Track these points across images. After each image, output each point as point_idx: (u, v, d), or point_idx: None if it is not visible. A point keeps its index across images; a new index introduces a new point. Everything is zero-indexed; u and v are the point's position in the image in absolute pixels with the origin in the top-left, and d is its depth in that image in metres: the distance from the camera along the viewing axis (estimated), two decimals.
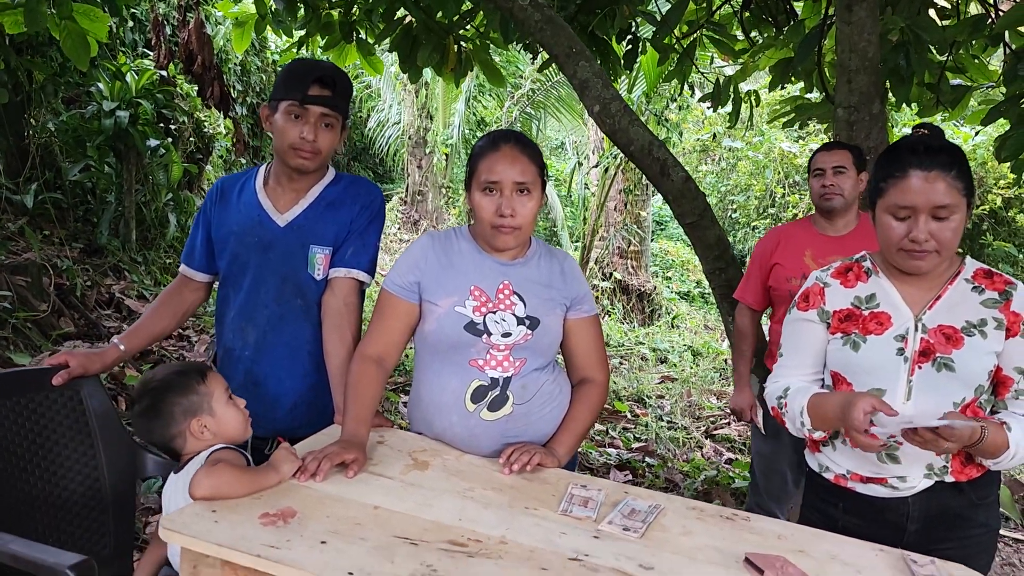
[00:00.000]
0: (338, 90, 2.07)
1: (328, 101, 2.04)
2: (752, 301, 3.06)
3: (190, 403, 1.74)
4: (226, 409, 1.78)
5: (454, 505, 1.64)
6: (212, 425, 1.75)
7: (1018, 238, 8.58)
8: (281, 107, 2.05)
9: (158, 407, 1.73)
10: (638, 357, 7.43)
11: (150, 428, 1.74)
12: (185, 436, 1.74)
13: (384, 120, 12.64)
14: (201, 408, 1.74)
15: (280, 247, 2.12)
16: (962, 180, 1.61)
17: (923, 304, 1.72)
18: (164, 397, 1.73)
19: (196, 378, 1.77)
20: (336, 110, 2.07)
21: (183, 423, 1.73)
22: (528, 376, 1.93)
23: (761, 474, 3.14)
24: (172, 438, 1.74)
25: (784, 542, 1.60)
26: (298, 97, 2.02)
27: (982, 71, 4.05)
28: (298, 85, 2.02)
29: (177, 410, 1.73)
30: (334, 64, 2.17)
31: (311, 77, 2.02)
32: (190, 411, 1.74)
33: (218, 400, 1.77)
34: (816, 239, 2.94)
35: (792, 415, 1.77)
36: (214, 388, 1.78)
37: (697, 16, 4.36)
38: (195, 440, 1.74)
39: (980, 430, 1.58)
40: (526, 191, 1.87)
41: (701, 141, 10.70)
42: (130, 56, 6.81)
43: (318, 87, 2.03)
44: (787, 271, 2.94)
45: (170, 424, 1.73)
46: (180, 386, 1.74)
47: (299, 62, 2.11)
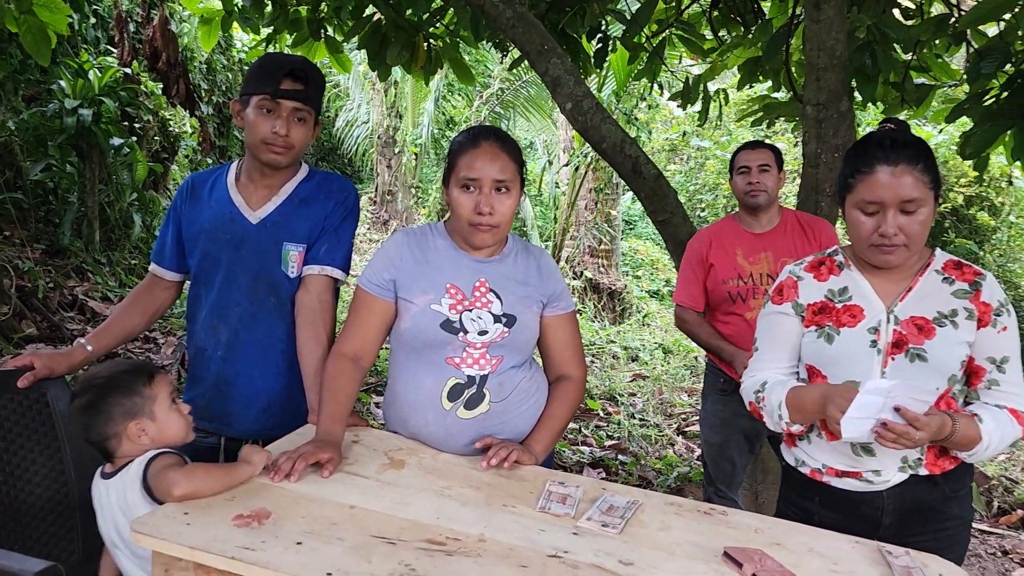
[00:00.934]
0: (311, 84, 2.03)
1: (301, 95, 2.01)
2: (693, 304, 3.09)
3: (132, 405, 1.67)
4: (168, 414, 1.70)
5: (431, 504, 1.62)
6: (151, 430, 1.67)
7: (979, 235, 8.74)
8: (252, 101, 2.01)
9: (99, 404, 1.66)
10: (610, 355, 7.46)
11: (88, 424, 1.67)
12: (121, 438, 1.66)
13: (353, 119, 12.55)
14: (142, 411, 1.67)
15: (253, 244, 2.08)
16: (928, 173, 1.63)
17: (895, 296, 1.74)
18: (106, 395, 1.66)
19: (142, 379, 1.70)
20: (309, 104, 2.04)
21: (121, 424, 1.66)
22: (505, 374, 1.92)
23: (712, 462, 3.19)
24: (108, 438, 1.67)
25: (761, 535, 1.61)
26: (270, 91, 1.99)
27: (945, 70, 4.12)
28: (270, 79, 1.99)
29: (117, 410, 1.66)
30: (306, 58, 2.13)
31: (283, 71, 1.99)
32: (130, 413, 1.66)
33: (161, 405, 1.70)
34: (744, 237, 3.00)
35: (770, 409, 1.78)
36: (159, 391, 1.70)
37: (666, 15, 4.38)
38: (130, 444, 1.67)
39: (951, 423, 1.60)
40: (505, 189, 1.86)
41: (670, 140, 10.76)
42: (92, 53, 6.68)
43: (290, 81, 2.00)
44: (723, 273, 2.98)
45: (108, 423, 1.66)
46: (124, 386, 1.68)
47: (271, 56, 2.07)
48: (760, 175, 2.94)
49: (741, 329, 2.93)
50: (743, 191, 2.98)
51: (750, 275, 2.94)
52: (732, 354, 2.91)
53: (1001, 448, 1.69)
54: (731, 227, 3.05)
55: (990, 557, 3.76)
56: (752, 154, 2.98)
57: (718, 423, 3.11)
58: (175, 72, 6.21)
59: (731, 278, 2.97)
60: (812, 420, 1.76)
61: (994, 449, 1.67)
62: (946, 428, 1.60)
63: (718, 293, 3.00)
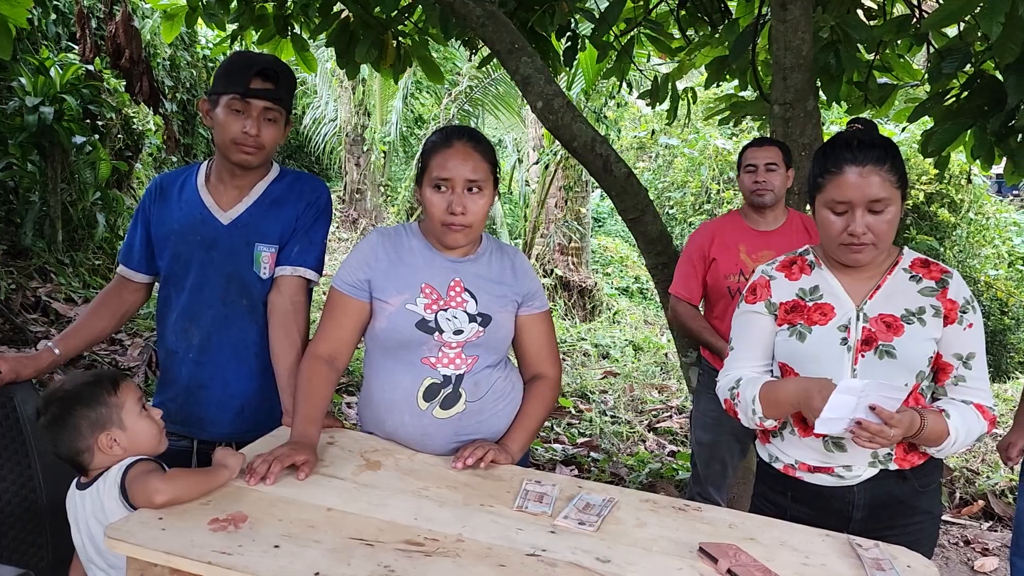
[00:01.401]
0: (281, 83, 2.01)
1: (271, 94, 1.99)
2: (690, 296, 3.09)
3: (98, 416, 1.62)
4: (138, 421, 1.66)
5: (409, 504, 1.62)
6: (122, 439, 1.63)
7: (939, 232, 8.92)
8: (222, 101, 1.99)
9: (64, 419, 1.62)
10: (581, 353, 7.49)
11: (56, 440, 1.63)
12: (93, 451, 1.62)
13: (320, 117, 12.44)
14: (110, 421, 1.63)
15: (224, 246, 2.06)
16: (895, 173, 1.67)
17: (864, 294, 1.77)
18: (71, 409, 1.62)
19: (106, 389, 1.65)
20: (279, 103, 2.02)
21: (91, 437, 1.62)
22: (480, 373, 1.92)
23: (702, 463, 3.20)
24: (79, 452, 1.63)
25: (735, 531, 1.63)
26: (239, 90, 1.96)
27: (907, 70, 4.20)
28: (240, 78, 1.97)
29: (84, 423, 1.62)
30: (277, 57, 2.12)
31: (253, 70, 1.97)
32: (98, 424, 1.62)
33: (129, 412, 1.66)
34: (748, 234, 3.01)
35: (744, 405, 1.80)
36: (125, 399, 1.66)
37: (635, 14, 4.41)
38: (103, 455, 1.63)
39: (920, 420, 1.64)
40: (477, 189, 1.86)
41: (639, 138, 10.82)
42: (53, 50, 6.55)
43: (260, 80, 1.98)
44: (724, 268, 2.99)
45: (76, 438, 1.62)
46: (88, 398, 1.63)
47: (241, 55, 2.05)
48: (767, 174, 2.93)
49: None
50: (749, 189, 2.98)
51: (752, 272, 2.95)
52: (723, 350, 2.92)
53: (968, 443, 1.73)
54: (736, 223, 3.06)
55: (953, 547, 3.85)
56: (760, 152, 2.96)
57: (710, 422, 3.11)
58: (138, 69, 6.10)
59: (732, 273, 2.98)
60: (786, 414, 1.78)
61: (961, 444, 1.71)
62: (915, 425, 1.64)
63: (718, 288, 3.01)
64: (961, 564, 3.71)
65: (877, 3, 4.25)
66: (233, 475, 1.64)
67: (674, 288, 3.14)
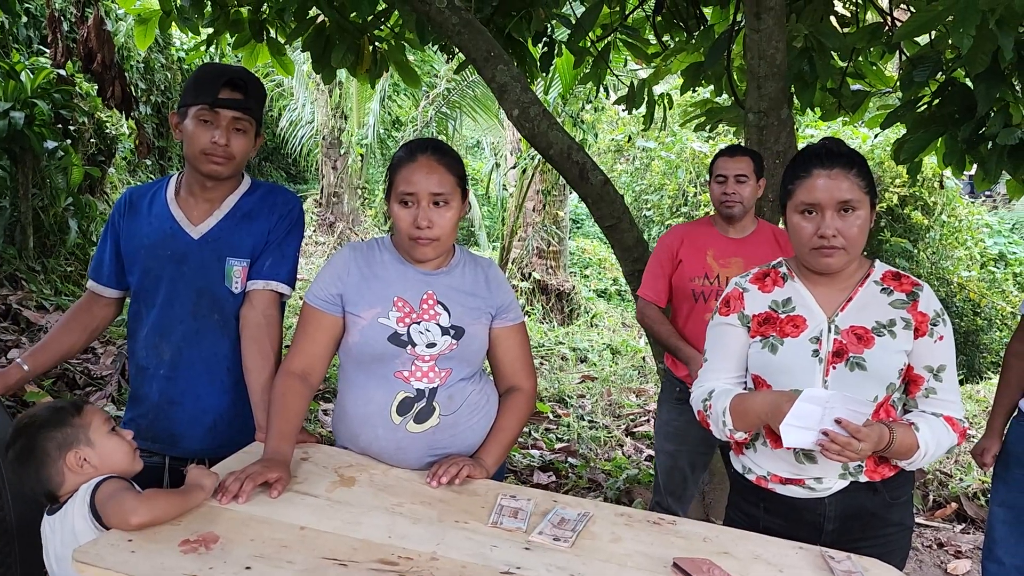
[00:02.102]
0: (250, 93, 2.00)
1: (240, 104, 1.97)
2: (656, 298, 3.09)
3: (64, 436, 1.60)
4: (107, 440, 1.64)
5: (383, 522, 1.61)
6: (92, 457, 1.61)
7: (913, 234, 9.02)
8: (191, 112, 1.97)
9: (31, 447, 1.60)
10: (558, 357, 7.50)
11: (25, 472, 1.60)
12: (63, 473, 1.60)
13: (297, 120, 12.36)
14: (77, 439, 1.61)
15: (195, 260, 2.03)
16: (863, 178, 1.70)
17: (836, 306, 1.78)
18: (36, 435, 1.60)
19: (70, 412, 1.64)
20: (248, 113, 2.00)
21: (59, 459, 1.59)
22: (454, 386, 1.91)
23: (663, 472, 3.19)
24: (50, 478, 1.60)
25: (710, 544, 1.63)
26: (208, 100, 1.94)
27: (880, 77, 4.24)
28: (208, 89, 1.95)
29: (51, 445, 1.59)
30: (245, 68, 2.09)
31: (221, 80, 1.95)
32: (65, 444, 1.60)
33: (97, 431, 1.64)
34: (718, 240, 3.02)
35: (716, 416, 1.81)
36: (91, 419, 1.64)
37: (611, 20, 4.42)
38: (75, 475, 1.60)
39: (888, 434, 1.65)
40: (443, 202, 1.86)
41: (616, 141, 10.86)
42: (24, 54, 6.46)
43: (229, 90, 1.96)
44: (689, 270, 3.00)
45: (45, 462, 1.59)
46: (52, 420, 1.61)
47: (209, 66, 2.04)
48: (736, 186, 2.92)
49: (701, 329, 2.93)
50: (719, 200, 2.97)
51: (716, 276, 2.95)
52: (689, 356, 2.92)
53: (938, 455, 1.75)
54: (706, 228, 3.06)
55: (926, 550, 3.89)
56: (730, 163, 2.94)
57: (672, 432, 3.11)
58: (111, 73, 6.04)
59: (698, 276, 2.98)
60: (756, 427, 1.79)
61: (931, 457, 1.73)
62: (884, 439, 1.65)
63: (683, 290, 3.01)
64: (935, 567, 3.75)
65: (850, 11, 4.29)
66: (208, 495, 1.62)
67: (642, 290, 3.14)
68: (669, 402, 3.15)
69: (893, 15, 4.06)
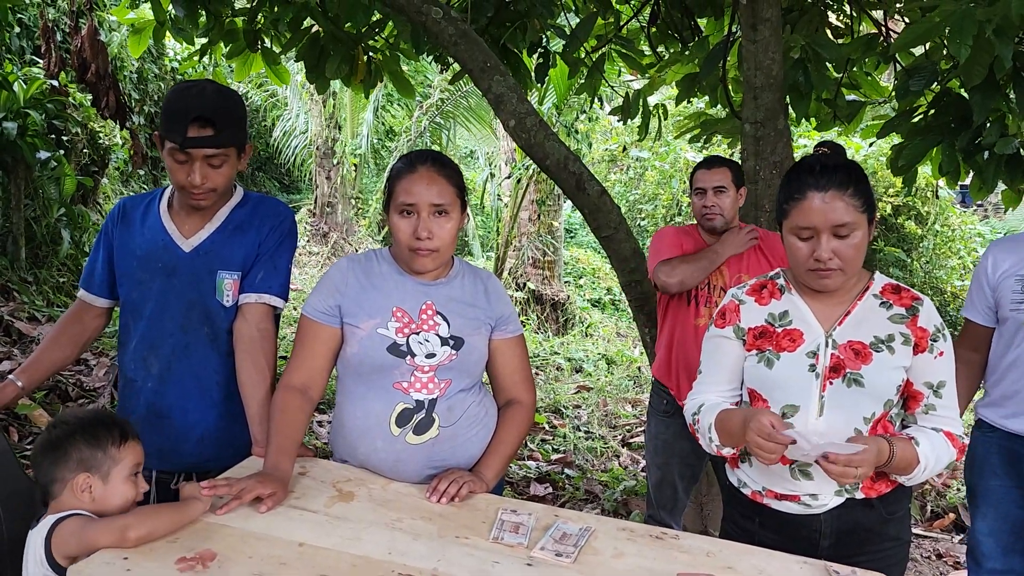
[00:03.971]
0: (220, 126, 1.88)
1: (211, 141, 1.88)
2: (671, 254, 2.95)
3: (90, 457, 1.58)
4: (122, 484, 1.61)
5: (383, 538, 1.59)
6: (97, 491, 1.59)
7: (907, 243, 9.05)
8: (166, 146, 1.91)
9: (61, 442, 1.59)
10: (554, 367, 7.48)
11: (41, 461, 1.60)
12: (65, 485, 1.58)
13: (290, 129, 12.34)
14: (98, 467, 1.58)
15: (185, 273, 2.01)
16: (860, 197, 1.66)
17: (833, 320, 1.77)
18: (71, 437, 1.59)
19: (114, 438, 1.62)
20: (223, 147, 1.91)
21: (72, 472, 1.57)
22: (454, 398, 1.90)
23: (654, 486, 3.17)
24: (53, 480, 1.58)
25: (713, 559, 1.62)
26: (178, 140, 1.87)
27: (875, 87, 4.25)
28: (176, 126, 1.86)
29: (75, 456, 1.58)
30: (217, 89, 1.94)
31: (189, 117, 1.85)
32: (84, 463, 1.58)
33: (121, 471, 1.61)
34: (703, 248, 2.99)
35: (703, 431, 1.81)
36: (124, 457, 1.62)
37: (606, 31, 4.43)
38: (71, 495, 1.58)
39: (888, 449, 1.63)
40: (444, 212, 1.85)
41: (610, 151, 10.88)
42: (17, 64, 6.43)
43: (197, 127, 1.86)
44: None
45: (61, 465, 1.57)
46: (92, 435, 1.60)
47: (178, 96, 1.91)
48: (716, 198, 2.90)
49: (688, 334, 2.92)
50: (700, 213, 2.95)
51: (707, 283, 2.94)
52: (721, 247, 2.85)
53: (938, 470, 1.72)
54: (694, 235, 3.04)
55: (925, 561, 3.88)
56: (708, 175, 2.92)
57: (660, 445, 3.09)
58: (105, 83, 6.00)
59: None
60: (739, 444, 1.77)
61: (931, 471, 1.71)
62: (884, 454, 1.63)
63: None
64: None
65: (844, 23, 4.30)
66: (206, 508, 1.60)
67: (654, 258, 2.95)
68: (657, 415, 3.13)
69: (888, 26, 4.07)
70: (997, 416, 2.54)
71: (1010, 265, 2.53)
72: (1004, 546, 2.58)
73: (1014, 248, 2.56)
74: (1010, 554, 2.58)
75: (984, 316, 2.60)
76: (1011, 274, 2.51)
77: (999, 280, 2.54)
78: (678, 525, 3.18)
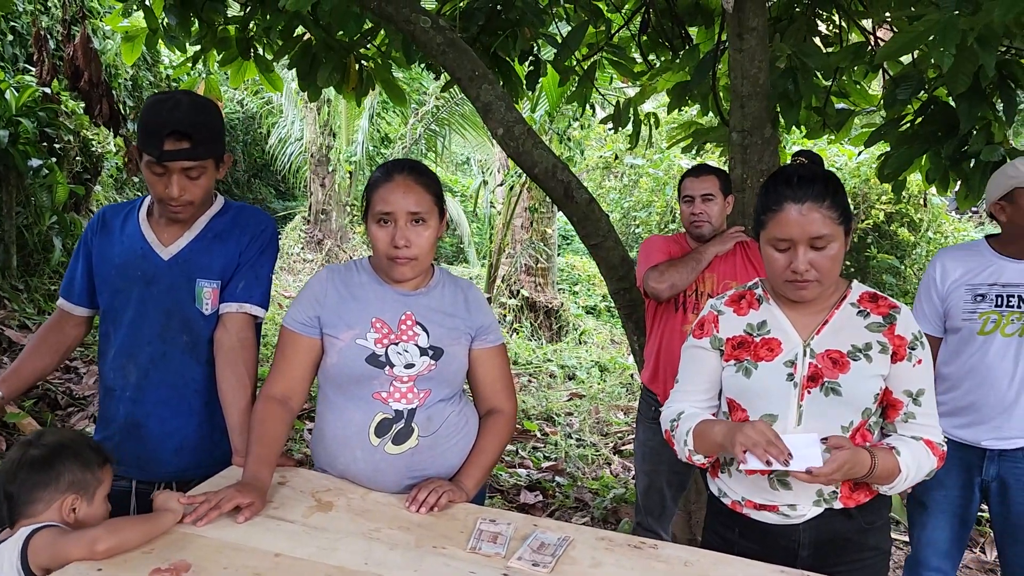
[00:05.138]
0: (197, 138, 1.88)
1: (188, 154, 1.87)
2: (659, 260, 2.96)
3: (82, 479, 1.60)
4: (100, 505, 1.65)
5: (359, 548, 1.59)
6: (81, 512, 1.60)
7: (900, 250, 9.06)
8: (144, 159, 1.91)
9: (52, 463, 1.58)
10: (546, 375, 7.47)
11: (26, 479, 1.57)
12: (50, 506, 1.57)
13: (286, 137, 12.36)
14: (86, 489, 1.61)
15: (164, 281, 2.00)
16: (836, 209, 1.66)
17: (811, 329, 1.77)
18: (63, 458, 1.59)
19: (99, 459, 1.66)
20: (200, 159, 1.91)
21: (62, 494, 1.58)
22: (433, 407, 1.90)
23: (642, 492, 3.17)
24: (37, 500, 1.57)
25: (690, 569, 1.61)
26: (155, 154, 1.87)
27: (863, 96, 4.26)
28: (153, 140, 1.86)
29: (67, 477, 1.59)
30: (192, 101, 1.92)
31: (165, 131, 1.85)
32: (75, 486, 1.60)
33: (101, 492, 1.65)
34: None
35: (679, 437, 1.82)
36: (104, 479, 1.66)
37: (597, 39, 4.44)
38: (54, 515, 1.58)
39: (870, 461, 1.63)
40: (421, 221, 1.85)
41: (604, 159, 10.89)
42: (10, 72, 6.43)
43: (174, 140, 1.86)
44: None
45: (50, 486, 1.57)
46: (83, 458, 1.62)
47: (153, 110, 1.90)
48: (704, 205, 2.91)
49: (676, 341, 2.91)
50: (688, 221, 2.96)
51: (694, 290, 2.94)
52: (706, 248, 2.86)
53: (919, 479, 1.73)
54: (682, 243, 3.05)
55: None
56: (696, 183, 2.94)
57: (648, 452, 3.09)
58: (98, 91, 6.01)
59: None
60: (715, 453, 1.79)
61: (911, 480, 1.71)
62: (866, 465, 1.64)
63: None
64: None
65: (832, 32, 4.32)
66: (178, 518, 1.60)
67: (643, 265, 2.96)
68: (645, 422, 3.13)
69: (876, 35, 4.09)
70: (949, 427, 2.50)
71: (960, 275, 2.53)
72: (941, 554, 2.62)
73: (963, 257, 2.57)
74: (946, 560, 2.62)
75: (934, 327, 2.61)
76: (961, 283, 2.53)
77: (949, 290, 2.55)
78: (666, 532, 3.18)
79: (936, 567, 2.63)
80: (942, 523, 2.61)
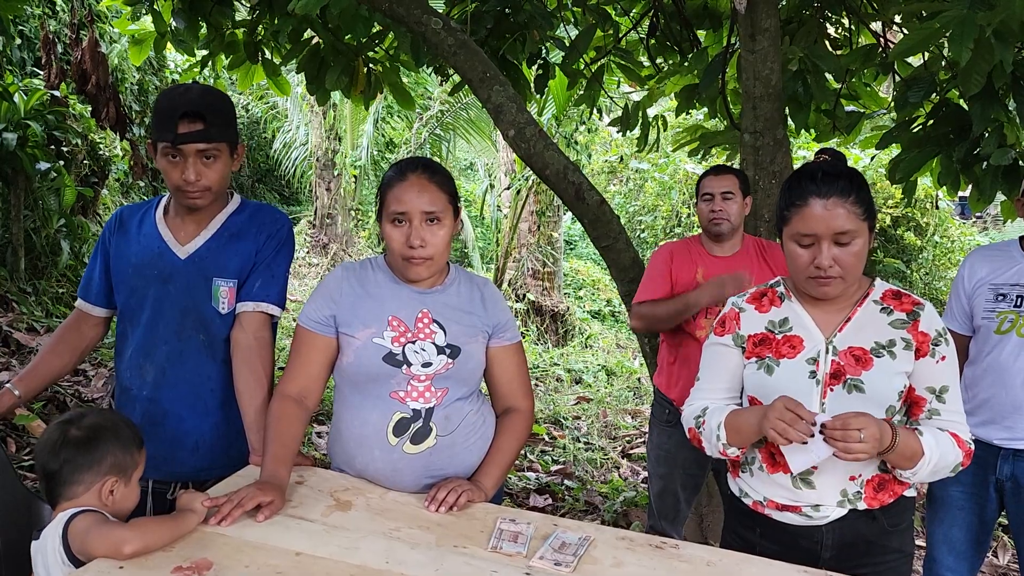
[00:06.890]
0: (211, 120, 1.89)
1: (202, 136, 1.88)
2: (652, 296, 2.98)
3: (123, 461, 1.62)
4: (135, 488, 1.67)
5: (380, 547, 1.58)
6: (119, 494, 1.62)
7: (906, 255, 9.05)
8: (159, 148, 1.92)
9: (96, 444, 1.59)
10: (553, 378, 7.46)
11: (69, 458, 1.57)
12: (90, 488, 1.58)
13: (291, 141, 12.37)
14: (125, 471, 1.62)
15: (181, 280, 2.00)
16: (861, 205, 1.65)
17: (834, 327, 1.76)
18: (107, 440, 1.61)
19: (137, 442, 1.68)
20: (214, 140, 1.91)
21: (102, 476, 1.59)
22: (451, 406, 1.89)
23: (656, 496, 3.16)
24: (78, 482, 1.57)
25: (713, 569, 1.60)
26: (169, 138, 1.87)
27: (874, 98, 4.26)
28: (167, 124, 1.87)
29: (109, 460, 1.60)
30: (204, 88, 1.96)
31: (178, 113, 1.86)
32: (116, 468, 1.61)
33: (137, 474, 1.67)
34: (706, 258, 3.00)
35: (709, 432, 1.79)
36: (140, 462, 1.68)
37: (604, 42, 4.44)
38: (93, 497, 1.59)
39: (891, 433, 1.60)
40: (436, 220, 1.84)
41: (609, 163, 10.89)
42: (18, 75, 6.45)
43: (187, 123, 1.87)
44: (681, 289, 2.96)
45: (92, 468, 1.58)
46: (125, 440, 1.63)
47: (166, 97, 1.92)
48: (723, 203, 2.91)
49: (692, 349, 2.90)
50: (707, 218, 2.96)
51: None
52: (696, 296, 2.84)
53: (942, 469, 1.68)
54: (695, 246, 3.05)
55: None
56: (716, 181, 2.95)
57: (663, 455, 3.09)
58: (105, 95, 6.02)
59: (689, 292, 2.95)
60: (749, 442, 1.76)
61: (935, 467, 1.66)
62: (887, 437, 1.59)
63: None
64: None
65: (841, 35, 4.32)
66: (201, 518, 1.59)
67: (638, 297, 3.02)
68: (659, 425, 3.12)
69: (886, 37, 4.08)
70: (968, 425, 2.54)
71: (985, 274, 2.55)
72: (957, 554, 2.61)
73: (990, 257, 2.59)
74: (961, 561, 2.60)
75: (961, 324, 2.64)
76: (985, 283, 2.54)
77: (974, 288, 2.57)
78: (680, 535, 3.17)
79: (950, 567, 2.61)
80: (959, 520, 2.60)
